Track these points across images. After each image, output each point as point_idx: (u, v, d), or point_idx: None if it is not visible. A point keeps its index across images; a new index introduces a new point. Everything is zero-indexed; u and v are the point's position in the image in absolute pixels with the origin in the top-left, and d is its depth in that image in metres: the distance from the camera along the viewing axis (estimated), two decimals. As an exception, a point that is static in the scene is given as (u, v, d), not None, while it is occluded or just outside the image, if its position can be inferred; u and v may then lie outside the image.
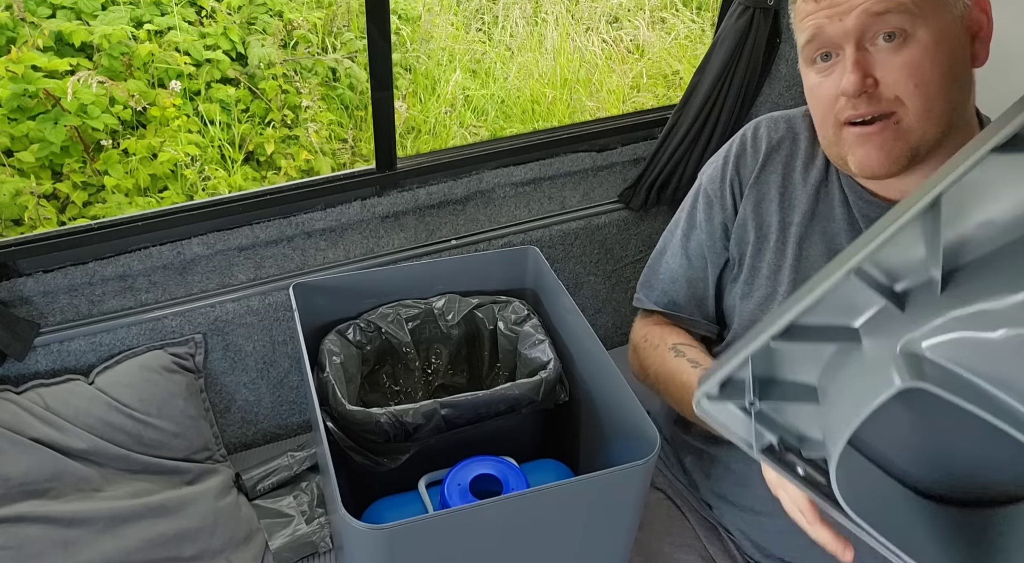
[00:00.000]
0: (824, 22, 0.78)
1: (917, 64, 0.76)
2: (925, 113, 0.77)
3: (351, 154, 2.82)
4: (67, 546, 1.09)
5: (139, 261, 1.27)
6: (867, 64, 0.77)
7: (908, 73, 0.76)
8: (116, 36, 2.56)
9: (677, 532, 1.08)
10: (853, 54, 0.77)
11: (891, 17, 0.75)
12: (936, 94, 0.77)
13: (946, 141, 0.80)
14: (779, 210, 0.94)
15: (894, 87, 0.77)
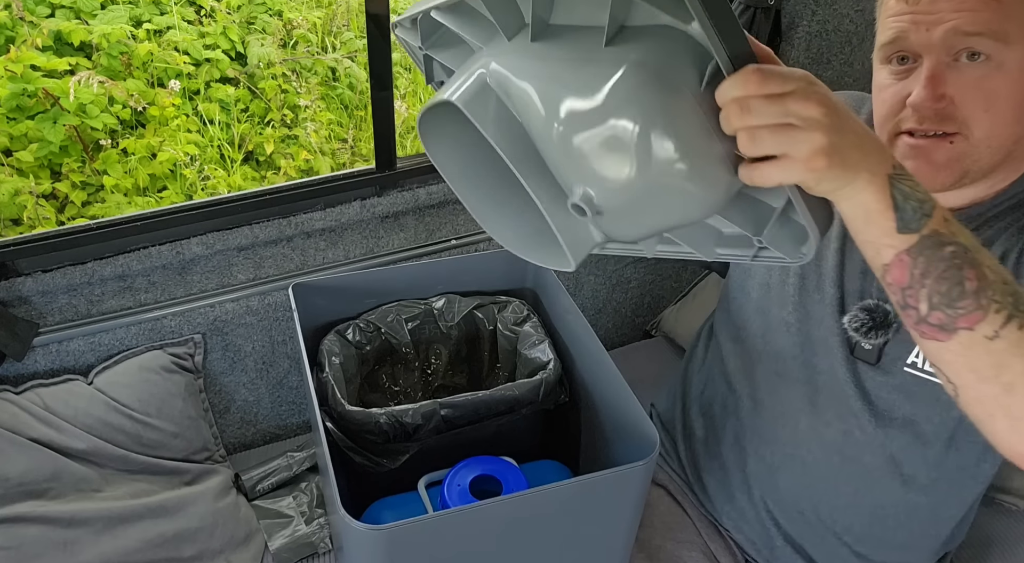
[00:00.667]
0: (910, 27, 0.74)
1: (995, 90, 0.73)
2: (985, 141, 0.75)
3: (351, 154, 2.82)
4: (66, 546, 1.09)
5: (138, 261, 1.27)
6: (942, 79, 0.74)
7: (983, 97, 0.73)
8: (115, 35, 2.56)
9: (678, 529, 1.08)
10: (931, 68, 0.74)
11: (980, 40, 0.72)
12: (1004, 123, 0.74)
13: (1000, 167, 0.79)
14: None
15: (963, 108, 0.74)
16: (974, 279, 0.58)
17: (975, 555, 1.21)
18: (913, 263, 0.59)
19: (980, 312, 0.58)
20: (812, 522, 0.99)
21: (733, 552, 1.06)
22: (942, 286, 0.58)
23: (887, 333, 0.87)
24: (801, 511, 0.99)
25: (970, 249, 0.59)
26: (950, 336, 0.60)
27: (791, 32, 1.51)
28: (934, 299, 0.59)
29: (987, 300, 0.58)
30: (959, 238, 0.59)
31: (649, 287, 1.78)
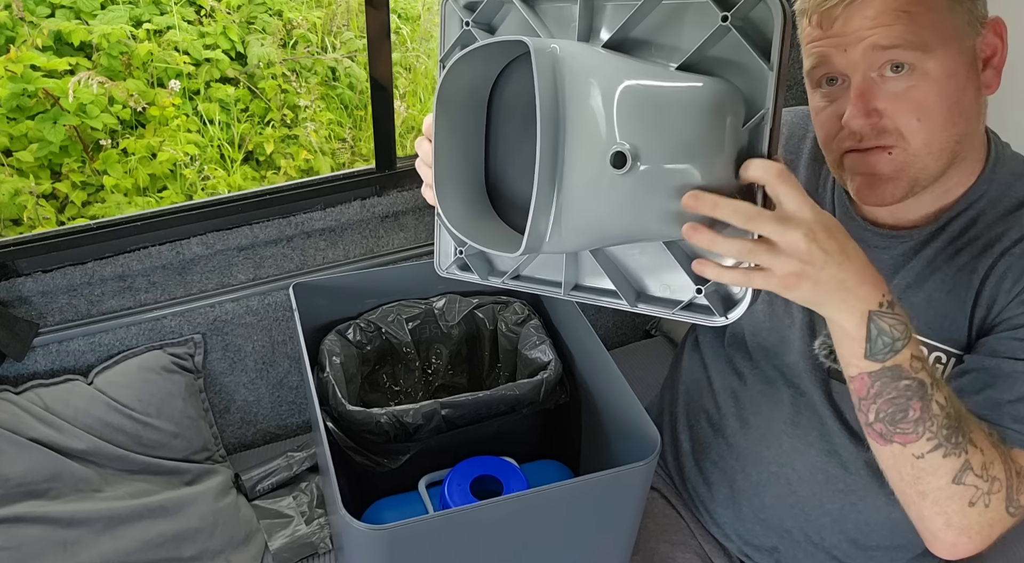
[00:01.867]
0: (830, 51, 0.76)
1: (923, 99, 0.74)
2: (925, 148, 0.76)
3: (351, 154, 2.82)
4: (66, 546, 1.08)
5: (138, 261, 1.27)
6: (871, 95, 0.75)
7: (912, 107, 0.74)
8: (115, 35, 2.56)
9: (672, 531, 1.08)
10: (858, 86, 0.75)
11: (898, 52, 0.73)
12: (939, 129, 0.75)
13: (950, 170, 0.79)
14: None
15: (896, 119, 0.75)
16: (919, 410, 0.68)
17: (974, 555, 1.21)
18: (871, 384, 0.68)
19: (914, 436, 0.69)
20: (800, 540, 0.98)
21: (729, 554, 1.06)
22: (889, 407, 0.68)
23: None
24: (788, 529, 0.98)
25: (927, 386, 0.68)
26: (887, 444, 0.70)
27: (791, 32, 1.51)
28: (880, 414, 0.69)
29: (924, 429, 0.68)
30: (920, 375, 0.68)
31: (649, 287, 1.78)
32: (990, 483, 0.70)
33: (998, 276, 0.78)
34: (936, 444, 0.68)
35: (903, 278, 0.84)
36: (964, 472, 0.69)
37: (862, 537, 0.96)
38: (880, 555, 0.97)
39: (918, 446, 0.69)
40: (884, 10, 0.72)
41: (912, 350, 0.67)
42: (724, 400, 1.02)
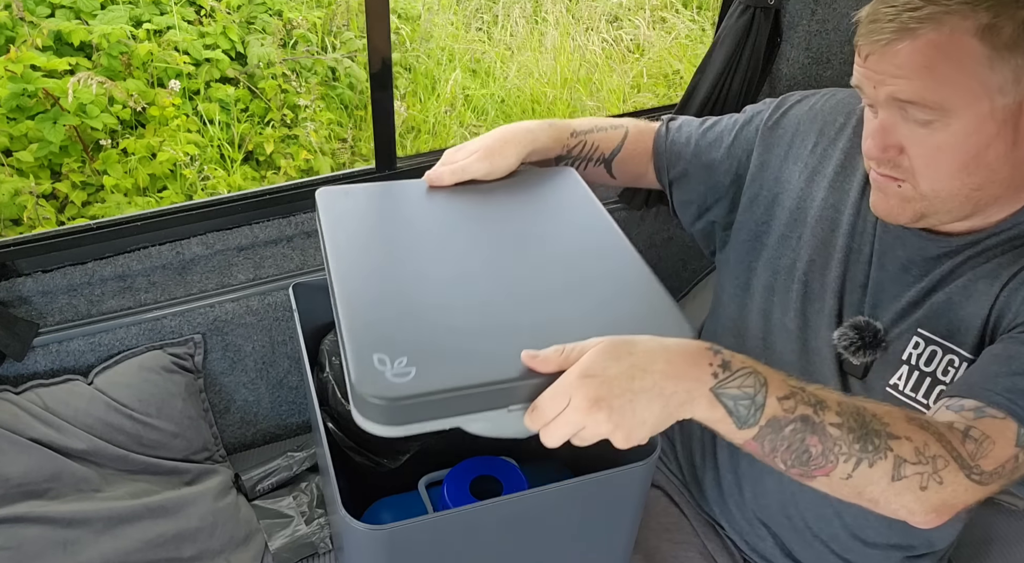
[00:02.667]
0: (863, 81, 0.77)
1: (938, 149, 0.74)
2: (932, 192, 0.77)
3: (351, 154, 2.82)
4: (66, 546, 1.08)
5: (138, 261, 1.27)
6: (892, 131, 0.76)
7: (925, 153, 0.75)
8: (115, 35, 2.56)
9: (676, 529, 1.08)
10: (881, 120, 0.77)
11: (915, 108, 0.73)
12: (947, 178, 0.76)
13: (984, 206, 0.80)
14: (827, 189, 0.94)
15: (912, 159, 0.76)
16: (818, 444, 0.66)
17: (974, 554, 1.21)
18: (761, 446, 0.66)
19: (831, 465, 0.67)
20: (799, 528, 0.99)
21: (731, 552, 1.06)
22: (791, 455, 0.67)
23: (875, 353, 0.87)
24: (788, 516, 0.99)
25: (811, 417, 0.66)
26: (812, 480, 0.69)
27: (791, 32, 1.51)
28: (788, 462, 0.67)
29: (834, 456, 0.66)
30: (798, 412, 0.66)
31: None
32: (931, 463, 0.68)
33: (1017, 284, 0.78)
34: (856, 460, 0.67)
35: (930, 280, 0.84)
36: (899, 467, 0.67)
37: (860, 531, 0.96)
38: (877, 553, 0.97)
39: (840, 470, 0.67)
40: (909, 63, 0.72)
41: (775, 393, 0.65)
42: None
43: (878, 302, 0.88)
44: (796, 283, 0.94)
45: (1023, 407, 0.71)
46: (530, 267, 0.80)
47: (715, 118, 1.06)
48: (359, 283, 0.76)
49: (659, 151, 1.06)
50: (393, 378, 0.65)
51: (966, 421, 0.71)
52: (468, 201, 0.91)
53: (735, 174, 1.01)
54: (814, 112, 0.98)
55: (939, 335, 0.83)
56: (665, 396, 0.63)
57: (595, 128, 1.03)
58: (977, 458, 0.70)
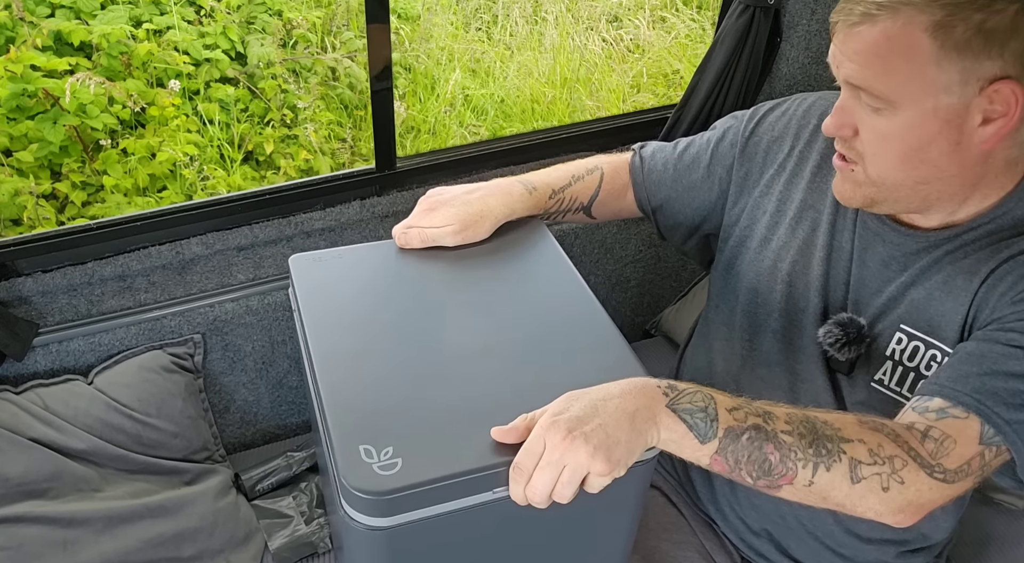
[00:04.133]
0: (832, 60, 0.79)
1: (884, 136, 0.77)
2: (878, 178, 0.79)
3: (351, 153, 2.82)
4: (66, 546, 1.09)
5: (138, 261, 1.27)
6: (850, 112, 0.78)
7: (873, 138, 0.77)
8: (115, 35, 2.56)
9: (674, 529, 1.09)
10: (842, 99, 0.79)
11: (864, 94, 0.76)
12: (890, 168, 0.78)
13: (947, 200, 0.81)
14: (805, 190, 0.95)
15: (863, 143, 0.79)
16: (774, 451, 0.69)
17: (974, 554, 1.21)
18: (725, 460, 0.69)
19: (791, 473, 0.69)
20: (793, 527, 0.99)
21: (729, 551, 1.06)
22: (753, 466, 0.69)
23: (860, 348, 0.88)
24: (782, 515, 0.99)
25: (763, 426, 0.69)
26: (778, 490, 0.71)
27: (791, 32, 1.51)
28: (753, 474, 0.70)
29: (792, 462, 0.69)
30: (749, 421, 0.69)
31: (649, 287, 1.78)
32: (889, 463, 0.70)
33: (995, 280, 0.79)
34: (813, 464, 0.69)
35: (909, 274, 0.85)
36: (855, 469, 0.69)
37: (854, 527, 0.96)
38: (872, 548, 0.97)
39: (801, 477, 0.69)
40: (863, 49, 0.74)
41: (724, 405, 0.70)
42: (726, 385, 1.02)
43: (860, 298, 0.89)
44: (779, 284, 0.95)
45: (990, 407, 0.72)
46: (505, 338, 0.82)
47: (687, 140, 1.07)
48: (339, 367, 0.78)
49: (637, 182, 1.06)
50: (380, 470, 0.67)
51: (927, 422, 0.73)
52: (440, 263, 0.93)
53: (719, 190, 1.02)
54: (787, 117, 0.99)
55: (921, 330, 0.84)
56: (630, 414, 0.67)
57: (572, 179, 1.04)
58: (938, 457, 0.71)
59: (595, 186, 1.04)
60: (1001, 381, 0.73)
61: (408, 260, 0.93)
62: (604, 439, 0.65)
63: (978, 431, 0.72)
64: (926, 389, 0.76)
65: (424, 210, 0.94)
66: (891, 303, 0.86)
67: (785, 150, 0.97)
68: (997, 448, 0.73)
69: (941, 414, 0.73)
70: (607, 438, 0.66)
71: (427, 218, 0.93)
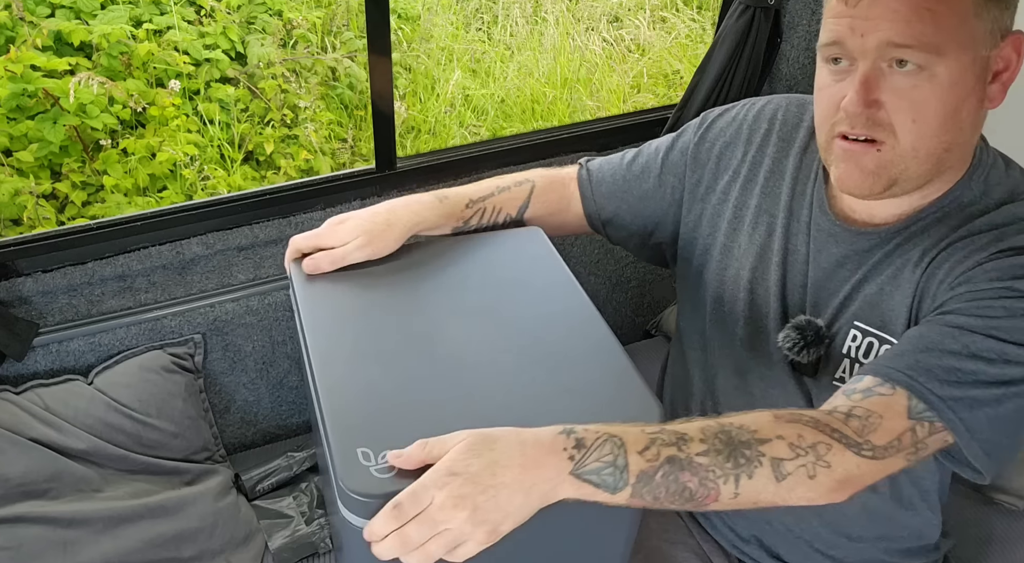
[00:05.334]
0: (847, 31, 0.74)
1: (923, 101, 0.73)
2: (912, 151, 0.76)
3: (351, 154, 2.82)
4: (66, 547, 1.08)
5: (138, 261, 1.27)
6: (875, 85, 0.74)
7: (911, 106, 0.74)
8: (115, 35, 2.56)
9: (672, 529, 1.09)
10: (864, 73, 0.74)
11: (910, 52, 0.72)
12: (931, 134, 0.75)
13: (935, 178, 0.79)
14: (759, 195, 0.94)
15: (893, 115, 0.75)
16: (692, 478, 0.66)
17: (975, 554, 1.21)
18: (642, 499, 0.66)
19: (713, 492, 0.67)
20: (781, 531, 0.99)
21: (726, 552, 1.06)
22: (674, 497, 0.67)
23: (819, 350, 0.88)
24: (768, 521, 0.99)
25: (676, 455, 0.66)
26: (706, 507, 0.69)
27: (791, 32, 1.51)
28: (676, 503, 0.67)
29: (712, 483, 0.66)
30: (662, 456, 0.66)
31: (649, 287, 1.78)
32: (812, 451, 0.68)
33: (934, 268, 0.79)
34: (734, 477, 0.67)
35: (862, 272, 0.85)
36: (777, 468, 0.67)
37: (841, 527, 0.95)
38: (864, 547, 0.97)
39: (725, 492, 0.67)
40: (909, 3, 0.71)
41: (634, 449, 0.66)
42: (703, 392, 1.02)
43: (818, 300, 0.88)
44: (742, 292, 0.95)
45: (921, 383, 0.71)
46: (502, 342, 0.82)
47: (634, 150, 1.06)
48: (338, 370, 0.78)
49: (586, 195, 1.05)
50: (377, 473, 0.67)
51: (851, 403, 0.72)
52: (439, 267, 0.93)
53: (672, 199, 1.02)
54: (738, 122, 0.99)
55: (873, 326, 0.84)
56: (525, 488, 0.64)
57: (496, 190, 1.01)
58: (865, 434, 0.70)
59: (523, 198, 1.03)
60: (936, 358, 0.72)
61: (407, 264, 0.93)
62: (493, 511, 0.63)
63: (905, 406, 0.71)
64: (861, 370, 0.76)
65: (328, 230, 0.92)
66: (846, 301, 0.86)
67: (738, 156, 0.97)
68: (931, 425, 0.71)
69: (867, 394, 0.72)
70: (497, 511, 0.63)
71: (331, 238, 0.91)
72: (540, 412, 0.73)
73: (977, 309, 0.73)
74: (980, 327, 0.72)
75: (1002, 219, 0.78)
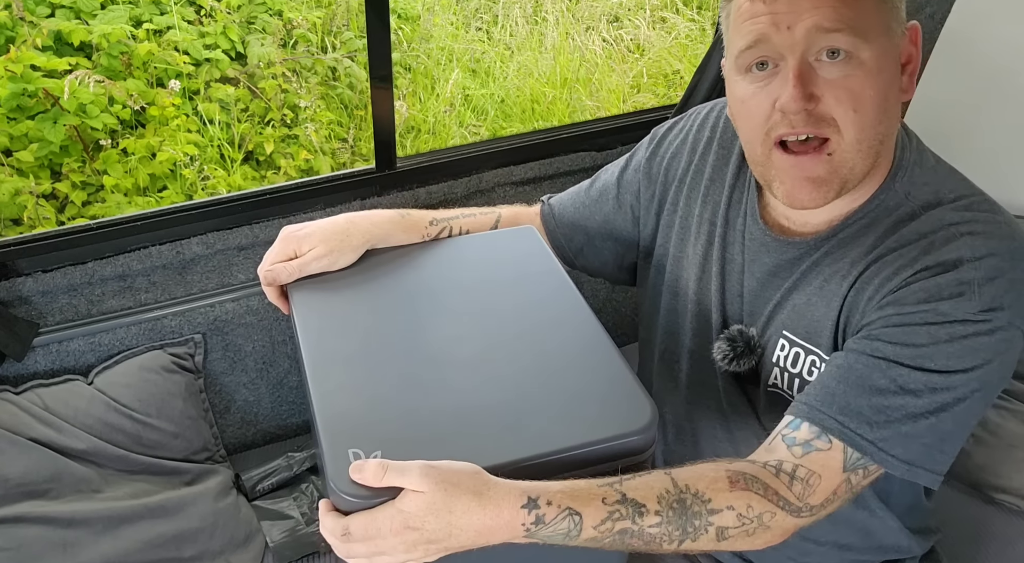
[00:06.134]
0: (769, 28, 0.72)
1: (859, 87, 0.72)
2: (857, 143, 0.74)
3: (351, 153, 2.82)
4: (66, 547, 1.08)
5: (138, 261, 1.27)
6: (810, 79, 0.72)
7: (849, 96, 0.72)
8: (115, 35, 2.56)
9: None
10: (796, 67, 0.72)
11: (840, 36, 0.71)
12: (870, 123, 0.74)
13: (867, 177, 0.79)
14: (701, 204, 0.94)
15: (833, 107, 0.73)
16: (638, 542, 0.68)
17: (975, 554, 1.21)
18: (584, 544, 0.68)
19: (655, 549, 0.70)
20: None
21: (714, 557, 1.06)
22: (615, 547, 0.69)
23: (751, 359, 0.88)
24: None
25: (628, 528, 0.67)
26: None
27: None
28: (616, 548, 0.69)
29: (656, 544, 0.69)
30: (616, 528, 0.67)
31: (649, 287, 1.78)
32: (756, 520, 0.71)
33: (863, 283, 0.78)
34: (679, 541, 0.69)
35: (791, 281, 0.84)
36: (721, 534, 0.70)
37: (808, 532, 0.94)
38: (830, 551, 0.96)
39: (667, 549, 0.70)
40: None
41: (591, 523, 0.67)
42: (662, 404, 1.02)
43: (753, 309, 0.88)
44: (690, 303, 0.95)
45: (853, 430, 0.72)
46: (496, 345, 0.82)
47: (594, 176, 1.07)
48: (331, 372, 0.79)
49: (551, 229, 1.06)
50: None
51: (794, 459, 0.74)
52: (434, 270, 0.93)
53: (632, 217, 1.02)
54: (684, 133, 0.99)
55: (799, 336, 0.83)
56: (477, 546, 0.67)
57: (461, 215, 1.01)
58: (805, 497, 0.72)
59: (489, 225, 1.03)
60: (865, 398, 0.73)
61: (401, 266, 0.94)
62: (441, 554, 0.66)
63: (841, 461, 0.73)
64: (795, 410, 0.76)
65: (284, 241, 0.91)
66: (776, 310, 0.86)
67: (683, 166, 0.97)
68: (864, 470, 0.74)
69: (807, 448, 0.74)
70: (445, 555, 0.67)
71: (290, 247, 0.91)
72: (533, 415, 0.73)
73: (903, 336, 0.73)
74: (907, 357, 0.72)
75: (928, 227, 0.77)
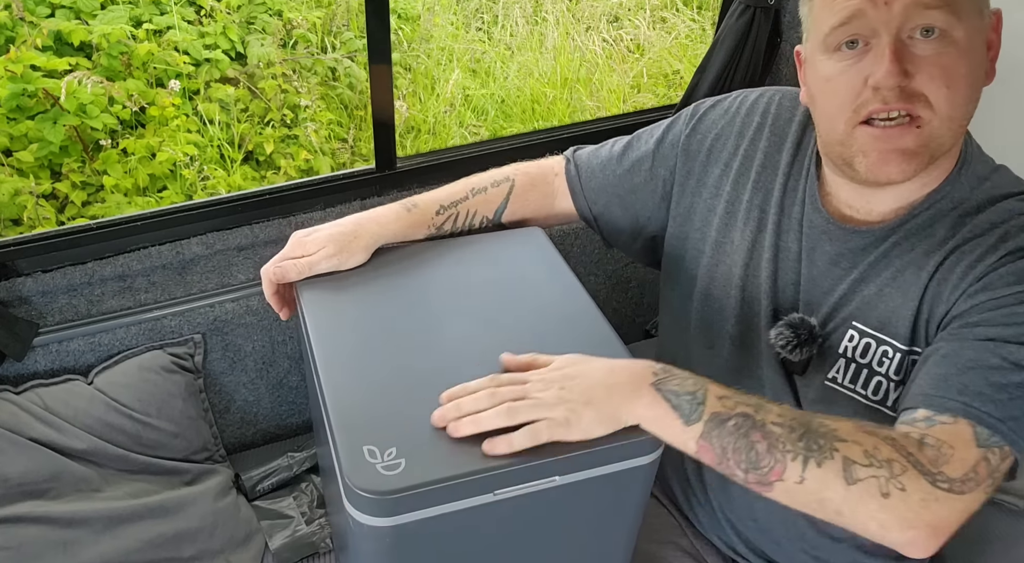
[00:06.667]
0: (865, 5, 0.73)
1: (952, 66, 0.73)
2: (949, 120, 0.74)
3: (351, 154, 2.82)
4: (66, 547, 1.08)
5: (138, 261, 1.27)
6: (903, 56, 0.72)
7: (942, 73, 0.72)
8: (115, 35, 2.56)
9: (664, 529, 1.08)
10: (891, 43, 0.72)
11: (937, 13, 0.71)
12: (962, 101, 0.74)
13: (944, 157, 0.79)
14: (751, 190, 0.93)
15: (926, 84, 0.73)
16: (762, 440, 0.68)
17: (974, 554, 1.21)
18: (711, 446, 0.69)
19: (780, 466, 0.67)
20: (766, 529, 0.98)
21: (721, 552, 1.06)
22: (740, 456, 0.68)
23: (812, 348, 0.87)
24: (755, 519, 0.98)
25: (752, 415, 0.69)
26: (771, 488, 0.69)
27: (791, 32, 1.51)
28: (743, 465, 0.69)
29: (780, 454, 0.67)
30: (739, 410, 0.69)
31: (649, 287, 1.78)
32: (887, 466, 0.66)
33: (944, 273, 0.78)
34: (803, 457, 0.67)
35: (859, 271, 0.84)
36: (849, 468, 0.66)
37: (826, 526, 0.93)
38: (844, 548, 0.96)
39: (791, 472, 0.67)
40: None
41: (714, 392, 0.70)
42: None
43: (811, 299, 0.88)
44: (734, 289, 0.94)
45: (978, 407, 0.70)
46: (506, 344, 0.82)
47: (623, 140, 1.05)
48: (343, 369, 0.79)
49: (575, 190, 1.04)
50: (383, 470, 0.68)
51: (920, 430, 0.70)
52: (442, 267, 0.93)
53: (663, 191, 1.01)
54: (730, 114, 0.98)
55: (872, 327, 0.83)
56: (608, 385, 0.70)
57: (470, 192, 1.00)
58: (939, 465, 0.67)
59: (500, 200, 1.01)
60: (981, 378, 0.71)
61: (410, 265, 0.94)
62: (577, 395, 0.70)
63: (972, 434, 0.68)
64: (908, 401, 0.74)
65: (295, 243, 0.95)
66: (843, 301, 0.85)
67: (730, 149, 0.95)
68: (1000, 449, 0.68)
69: (929, 422, 0.70)
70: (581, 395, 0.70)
71: (300, 248, 0.93)
72: None
73: (1002, 317, 0.73)
74: (1012, 336, 0.72)
75: (999, 217, 0.78)
